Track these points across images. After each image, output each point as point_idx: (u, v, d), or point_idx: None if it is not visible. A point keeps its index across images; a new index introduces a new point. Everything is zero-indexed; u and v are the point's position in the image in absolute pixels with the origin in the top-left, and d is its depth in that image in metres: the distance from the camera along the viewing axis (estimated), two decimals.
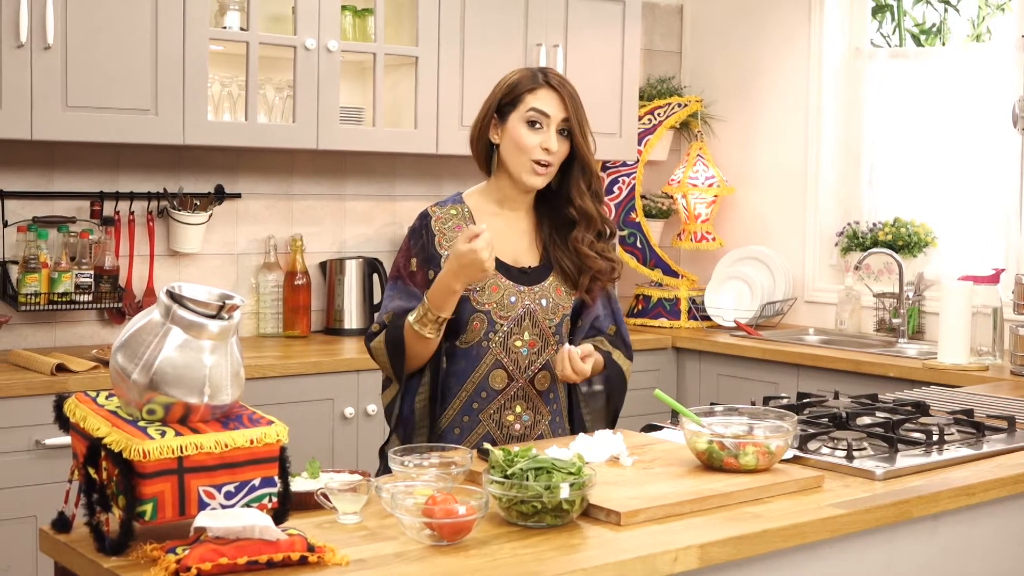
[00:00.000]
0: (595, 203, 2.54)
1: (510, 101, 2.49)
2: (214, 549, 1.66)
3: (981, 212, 4.48)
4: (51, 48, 3.42)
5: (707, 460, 2.23)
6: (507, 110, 2.50)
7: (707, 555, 1.86)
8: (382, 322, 2.51)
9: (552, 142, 2.46)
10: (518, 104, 2.48)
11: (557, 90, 2.48)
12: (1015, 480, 2.35)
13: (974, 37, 4.84)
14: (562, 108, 2.48)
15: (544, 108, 2.47)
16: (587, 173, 2.53)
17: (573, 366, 2.43)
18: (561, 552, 1.81)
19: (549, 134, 2.47)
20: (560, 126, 2.48)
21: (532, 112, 2.47)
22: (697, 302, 4.85)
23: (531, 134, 2.47)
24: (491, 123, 2.53)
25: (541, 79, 2.49)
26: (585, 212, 2.53)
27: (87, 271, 3.73)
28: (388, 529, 1.89)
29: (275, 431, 1.82)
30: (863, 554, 2.11)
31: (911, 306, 4.46)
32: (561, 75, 2.53)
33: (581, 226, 2.54)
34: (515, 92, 2.49)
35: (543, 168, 2.48)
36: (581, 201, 2.53)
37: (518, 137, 2.47)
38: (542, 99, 2.47)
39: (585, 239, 2.54)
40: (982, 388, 3.42)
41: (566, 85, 2.50)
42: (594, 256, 2.54)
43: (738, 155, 5.15)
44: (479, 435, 2.51)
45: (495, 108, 2.52)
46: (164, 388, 1.77)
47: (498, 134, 2.52)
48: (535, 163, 2.47)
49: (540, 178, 2.49)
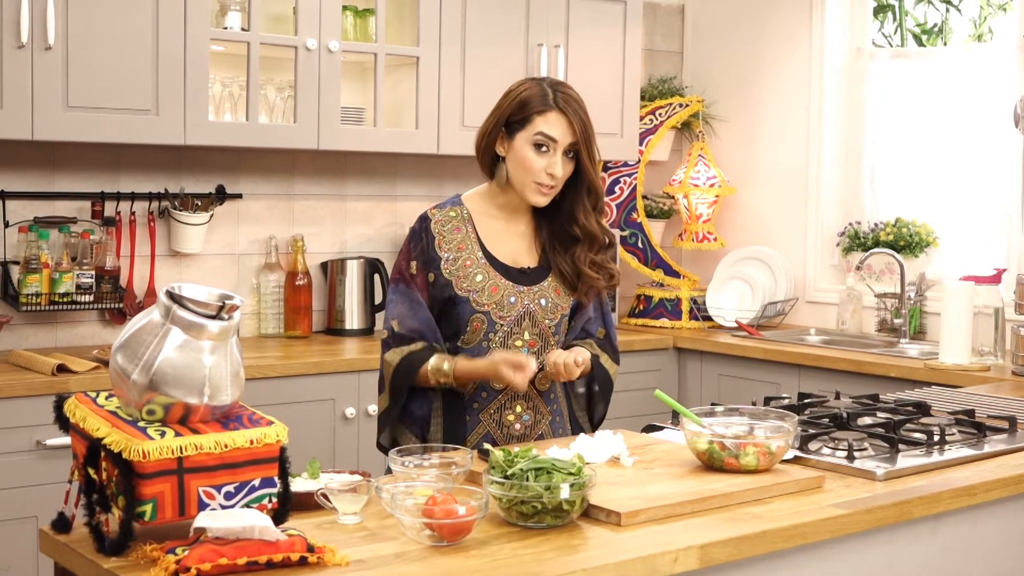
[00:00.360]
0: (599, 223, 2.55)
1: (519, 120, 2.47)
2: (214, 550, 1.66)
3: (983, 212, 4.47)
4: (52, 48, 3.42)
5: (708, 460, 2.23)
6: (515, 128, 2.48)
7: (707, 555, 1.86)
8: (390, 329, 2.52)
9: (557, 168, 2.45)
10: (526, 124, 2.46)
11: (566, 114, 2.45)
12: (1016, 480, 2.35)
13: (976, 37, 4.84)
14: (570, 133, 2.45)
15: (552, 133, 2.44)
16: (592, 194, 2.52)
17: (567, 372, 2.45)
18: (561, 552, 1.80)
19: (555, 159, 2.45)
20: (567, 149, 2.47)
21: (540, 136, 2.45)
22: (699, 302, 4.85)
23: (537, 157, 2.45)
24: (499, 136, 2.51)
25: (551, 100, 2.45)
26: (588, 232, 2.53)
27: (88, 271, 3.73)
28: (388, 529, 1.89)
29: (275, 431, 1.82)
30: (864, 554, 2.11)
31: (913, 306, 4.46)
32: (571, 93, 2.48)
33: (584, 245, 2.54)
34: (524, 112, 2.46)
35: (548, 189, 2.48)
36: (585, 220, 2.53)
37: (524, 159, 2.46)
38: (551, 123, 2.44)
39: (587, 259, 2.54)
40: (983, 388, 3.41)
41: (575, 107, 2.46)
42: (596, 276, 2.55)
43: (739, 155, 5.15)
44: (479, 435, 2.51)
45: (503, 122, 2.50)
46: (164, 388, 1.77)
47: (504, 148, 2.51)
48: (539, 184, 2.47)
49: (544, 198, 2.49)
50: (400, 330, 2.50)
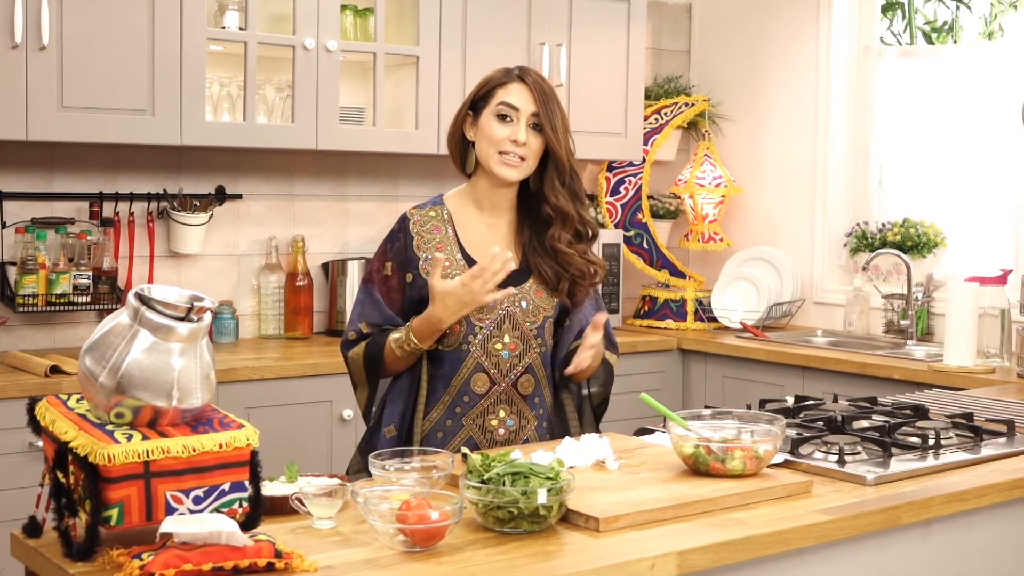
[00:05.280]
0: (572, 202, 2.51)
1: (483, 96, 2.50)
2: (179, 555, 1.64)
3: (992, 212, 4.41)
4: (46, 48, 3.41)
5: (694, 465, 2.19)
6: (480, 106, 2.51)
7: (686, 562, 1.82)
8: (358, 331, 2.52)
9: (521, 134, 2.45)
10: (489, 99, 2.49)
11: (528, 85, 2.47)
12: (1011, 485, 2.30)
13: (986, 35, 4.78)
14: (531, 102, 2.46)
15: (513, 101, 2.46)
16: (561, 171, 2.50)
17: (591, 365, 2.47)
18: (535, 559, 1.77)
19: (518, 127, 2.46)
20: (531, 120, 2.47)
21: (502, 105, 2.47)
22: (704, 303, 4.80)
23: (500, 127, 2.46)
24: (466, 120, 2.54)
25: (514, 74, 2.50)
26: (560, 210, 2.50)
27: (85, 272, 3.71)
28: (362, 535, 1.86)
29: (245, 435, 1.80)
30: (852, 561, 2.07)
31: (920, 307, 4.40)
32: (539, 74, 2.53)
33: (557, 224, 2.51)
34: (487, 87, 2.50)
35: (514, 160, 2.46)
36: (555, 199, 2.50)
37: (488, 130, 2.47)
38: (512, 93, 2.47)
39: (562, 237, 2.51)
40: (987, 391, 3.36)
41: (539, 82, 2.49)
42: (572, 254, 2.50)
43: (746, 155, 5.10)
44: (462, 439, 2.48)
45: (469, 105, 2.53)
46: (132, 391, 1.74)
47: (473, 131, 2.52)
48: (503, 154, 2.46)
49: (511, 169, 2.47)
50: (368, 330, 2.51)
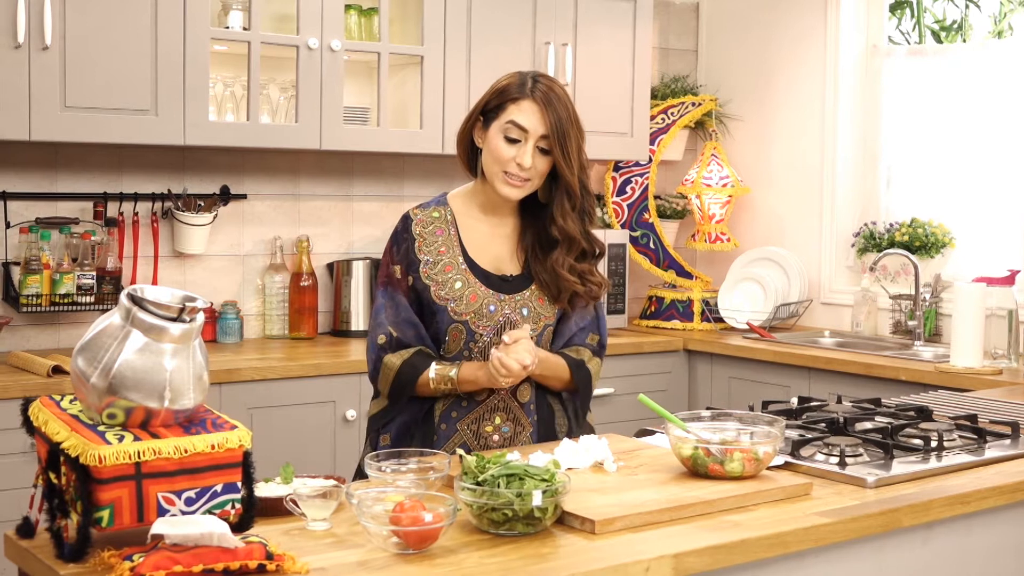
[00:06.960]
0: (579, 224, 2.45)
1: (495, 107, 2.42)
2: (169, 557, 1.63)
3: (1000, 213, 4.38)
4: (49, 48, 3.41)
5: (692, 467, 2.17)
6: (491, 116, 2.43)
7: (682, 565, 1.80)
8: (388, 334, 2.46)
9: (526, 158, 2.38)
10: (500, 113, 2.41)
11: (541, 105, 2.37)
12: (1013, 488, 2.27)
13: (995, 34, 4.74)
14: (542, 124, 2.38)
15: (522, 122, 2.38)
16: (571, 196, 2.43)
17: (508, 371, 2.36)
18: (529, 561, 1.76)
19: (525, 149, 2.38)
20: (539, 143, 2.39)
21: (510, 125, 2.39)
22: (710, 304, 4.78)
23: (507, 147, 2.39)
24: (476, 125, 2.47)
25: (528, 89, 2.39)
26: (567, 234, 2.44)
27: (89, 272, 3.71)
28: (356, 536, 1.85)
29: (237, 436, 1.79)
30: (850, 565, 2.05)
31: (928, 308, 4.37)
32: (552, 86, 2.40)
33: (562, 248, 2.45)
34: (501, 99, 2.41)
35: (517, 181, 2.40)
36: (563, 221, 2.43)
37: (495, 148, 2.40)
38: (523, 112, 2.38)
39: (565, 262, 2.46)
40: (993, 392, 3.33)
41: (553, 100, 2.38)
42: (574, 280, 2.46)
43: (753, 155, 5.08)
44: (455, 444, 2.46)
45: (481, 111, 2.46)
46: (123, 392, 1.74)
47: (481, 138, 2.46)
48: (507, 174, 2.40)
49: (514, 190, 2.42)
50: (398, 335, 2.46)
